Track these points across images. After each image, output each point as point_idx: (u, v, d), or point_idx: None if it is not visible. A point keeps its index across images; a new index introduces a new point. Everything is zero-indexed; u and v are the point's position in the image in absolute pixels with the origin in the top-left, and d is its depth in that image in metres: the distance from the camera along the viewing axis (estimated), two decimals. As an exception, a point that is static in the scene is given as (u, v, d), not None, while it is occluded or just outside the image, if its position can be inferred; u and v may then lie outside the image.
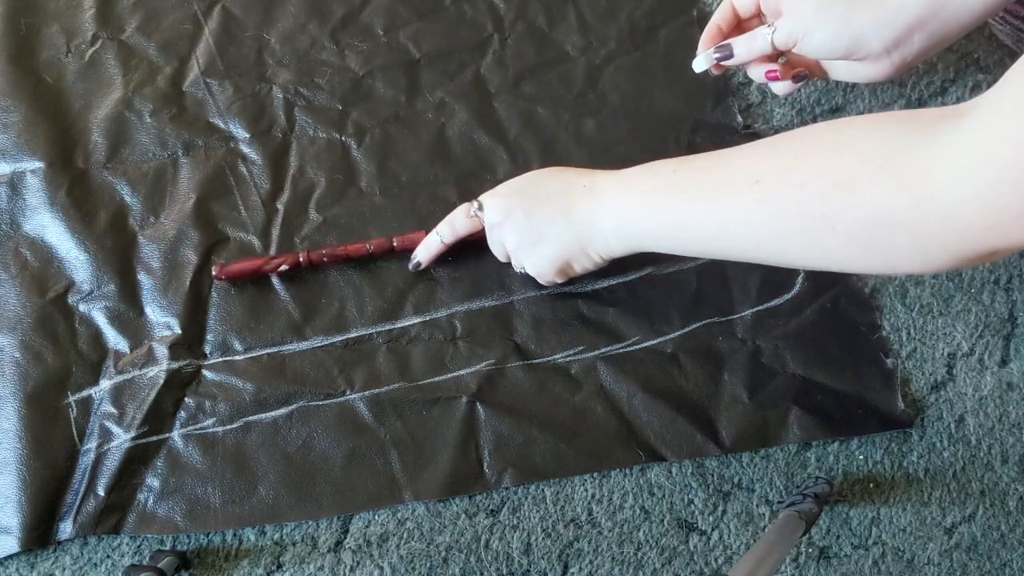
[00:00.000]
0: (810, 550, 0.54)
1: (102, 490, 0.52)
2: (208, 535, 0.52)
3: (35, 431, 0.53)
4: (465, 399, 0.55)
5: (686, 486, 0.55)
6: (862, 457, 0.56)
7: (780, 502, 0.54)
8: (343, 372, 0.56)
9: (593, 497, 0.54)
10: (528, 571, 0.53)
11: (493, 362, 0.56)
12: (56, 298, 0.57)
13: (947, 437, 0.57)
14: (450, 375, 0.56)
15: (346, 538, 0.53)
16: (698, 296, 0.58)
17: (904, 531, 0.55)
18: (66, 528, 0.51)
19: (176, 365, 0.55)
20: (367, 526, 0.53)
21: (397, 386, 0.55)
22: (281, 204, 0.60)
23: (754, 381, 0.56)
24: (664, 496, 0.55)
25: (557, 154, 0.62)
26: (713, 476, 0.55)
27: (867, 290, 0.59)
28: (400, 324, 0.57)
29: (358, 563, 0.52)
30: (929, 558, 0.55)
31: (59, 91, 0.63)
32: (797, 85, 0.56)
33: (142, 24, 0.66)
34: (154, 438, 0.53)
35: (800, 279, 0.59)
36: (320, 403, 0.55)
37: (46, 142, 0.61)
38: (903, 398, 0.57)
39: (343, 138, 0.63)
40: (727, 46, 0.54)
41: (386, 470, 0.53)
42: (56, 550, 0.52)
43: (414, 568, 0.52)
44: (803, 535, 0.50)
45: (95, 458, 0.52)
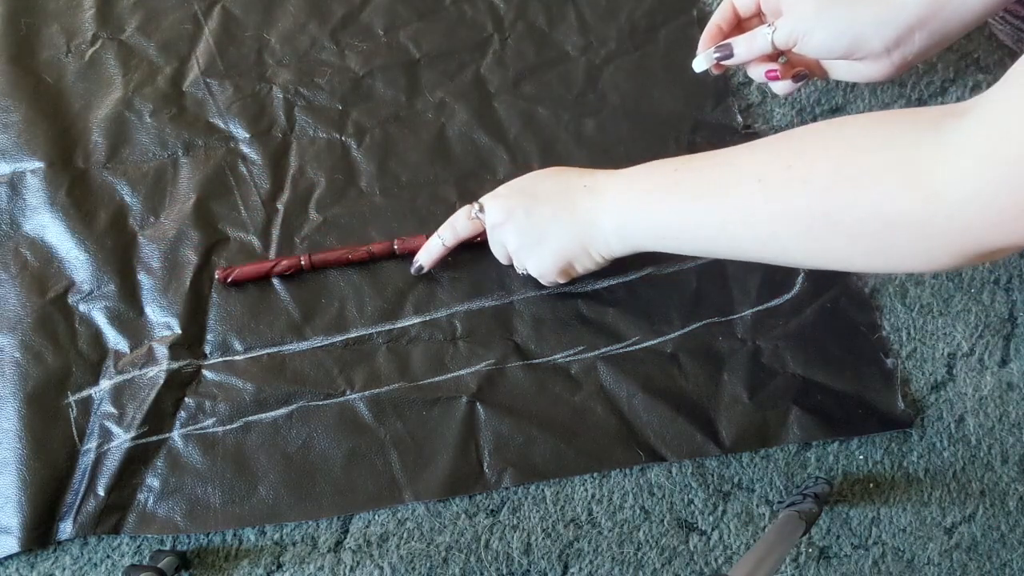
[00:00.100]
0: (810, 550, 0.54)
1: (102, 490, 0.52)
2: (208, 535, 0.52)
3: (35, 431, 0.53)
4: (465, 399, 0.55)
5: (686, 486, 0.55)
6: (862, 457, 0.56)
7: (780, 502, 0.54)
8: (343, 372, 0.56)
9: (593, 497, 0.54)
10: (528, 571, 0.53)
11: (493, 362, 0.56)
12: (56, 298, 0.57)
13: (947, 437, 0.57)
14: (450, 375, 0.56)
15: (346, 538, 0.53)
16: (698, 296, 0.58)
17: (904, 531, 0.55)
18: (66, 528, 0.51)
19: (176, 365, 0.55)
20: (367, 526, 0.53)
21: (397, 386, 0.55)
22: (281, 204, 0.60)
23: (754, 381, 0.56)
24: (664, 496, 0.55)
25: (557, 154, 0.62)
26: (713, 476, 0.55)
27: (867, 290, 0.59)
28: (400, 324, 0.57)
29: (358, 563, 0.52)
30: (929, 558, 0.55)
31: (59, 91, 0.63)
32: (797, 85, 0.56)
33: (142, 24, 0.66)
34: (154, 438, 0.53)
35: (800, 279, 0.59)
36: (320, 403, 0.55)
37: (46, 142, 0.61)
38: (903, 398, 0.57)
39: (343, 138, 0.63)
40: (727, 45, 0.54)
41: (386, 470, 0.53)
42: (56, 550, 0.52)
43: (414, 568, 0.52)
44: (803, 535, 0.50)
45: (95, 458, 0.52)
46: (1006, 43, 0.66)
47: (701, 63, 0.56)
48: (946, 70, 0.66)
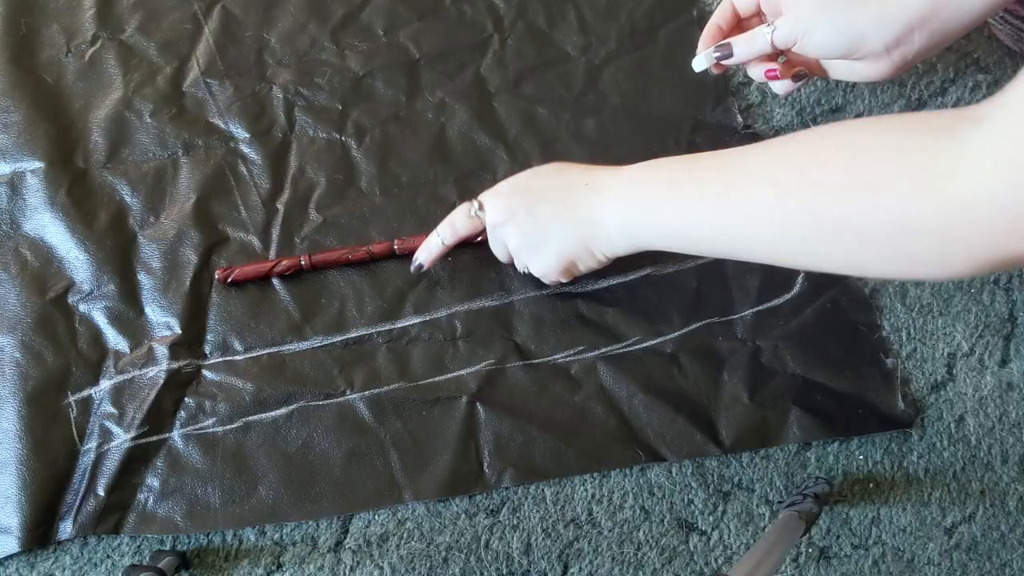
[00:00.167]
0: (810, 550, 0.54)
1: (102, 490, 0.52)
2: (208, 535, 0.52)
3: (35, 431, 0.53)
4: (465, 399, 0.55)
5: (686, 486, 0.55)
6: (862, 457, 0.56)
7: (780, 502, 0.54)
8: (343, 372, 0.56)
9: (593, 497, 0.54)
10: (528, 571, 0.53)
11: (493, 362, 0.56)
12: (56, 298, 0.57)
13: (947, 437, 0.57)
14: (450, 375, 0.56)
15: (346, 538, 0.53)
16: (698, 296, 0.58)
17: (904, 531, 0.55)
18: (66, 528, 0.51)
19: (176, 365, 0.55)
20: (367, 526, 0.53)
21: (397, 386, 0.55)
22: (281, 204, 0.60)
23: (754, 381, 0.56)
24: (664, 496, 0.55)
25: (557, 154, 0.62)
26: (713, 476, 0.55)
27: (867, 290, 0.59)
28: (400, 324, 0.57)
29: (358, 563, 0.52)
30: (929, 558, 0.55)
31: (59, 91, 0.63)
32: (797, 84, 0.56)
33: (142, 24, 0.66)
34: (154, 438, 0.53)
35: (800, 279, 0.59)
36: (320, 403, 0.55)
37: (46, 142, 0.61)
38: (903, 398, 0.57)
39: (343, 138, 0.63)
40: (727, 45, 0.54)
41: (386, 470, 0.53)
42: (56, 550, 0.52)
43: (414, 568, 0.52)
44: (803, 535, 0.50)
45: (95, 458, 0.52)
46: (1006, 43, 0.66)
47: (701, 62, 0.56)
48: (946, 70, 0.66)
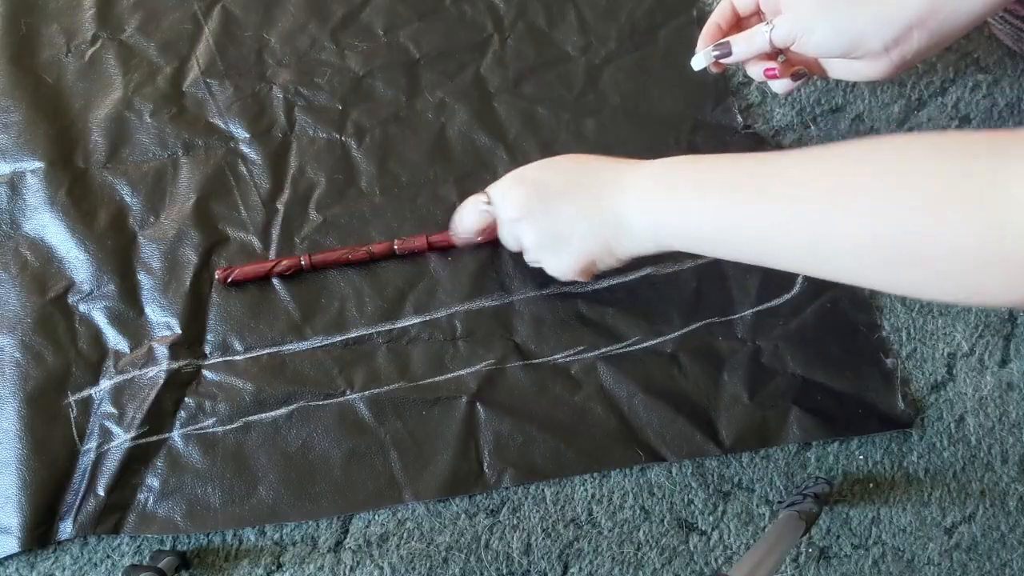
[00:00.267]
0: (810, 550, 0.54)
1: (102, 490, 0.52)
2: (208, 535, 0.52)
3: (35, 431, 0.53)
4: (465, 399, 0.55)
5: (686, 486, 0.55)
6: (862, 457, 0.56)
7: (780, 502, 0.54)
8: (343, 372, 0.56)
9: (593, 497, 0.54)
10: (528, 571, 0.53)
11: (493, 362, 0.56)
12: (56, 298, 0.57)
13: (947, 437, 0.57)
14: (450, 375, 0.56)
15: (346, 538, 0.53)
16: (698, 296, 0.58)
17: (904, 531, 0.55)
18: (66, 528, 0.51)
19: (176, 365, 0.55)
20: (367, 526, 0.53)
21: (397, 386, 0.55)
22: (281, 204, 0.60)
23: (754, 381, 0.56)
24: (664, 496, 0.55)
25: (557, 154, 0.62)
26: (713, 476, 0.55)
27: (867, 290, 0.59)
28: (400, 324, 0.57)
29: (358, 563, 0.52)
30: (929, 558, 0.55)
31: (59, 91, 0.63)
32: (796, 84, 0.56)
33: (142, 24, 0.66)
34: (154, 438, 0.53)
35: (800, 279, 0.59)
36: (320, 403, 0.55)
37: (46, 142, 0.61)
38: (903, 398, 0.57)
39: (343, 138, 0.63)
40: (725, 44, 0.54)
41: (386, 470, 0.53)
42: (56, 550, 0.52)
43: (414, 568, 0.52)
44: (803, 535, 0.50)
45: (95, 458, 0.52)
46: (1006, 43, 0.66)
47: (700, 61, 0.56)
48: (946, 70, 0.66)
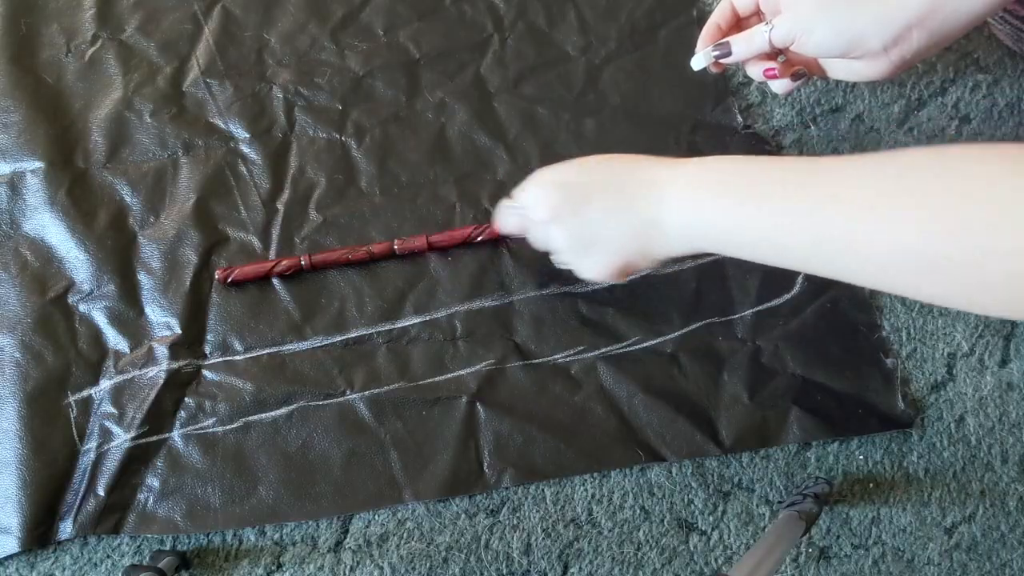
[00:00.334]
0: (810, 550, 0.54)
1: (102, 490, 0.52)
2: (208, 535, 0.52)
3: (35, 431, 0.53)
4: (465, 399, 0.55)
5: (686, 486, 0.55)
6: (862, 457, 0.56)
7: (780, 502, 0.54)
8: (343, 372, 0.56)
9: (593, 497, 0.54)
10: (528, 571, 0.53)
11: (493, 362, 0.56)
12: (56, 298, 0.57)
13: (947, 437, 0.57)
14: (450, 375, 0.56)
15: (346, 538, 0.53)
16: (698, 296, 0.58)
17: (904, 531, 0.55)
18: (66, 528, 0.51)
19: (176, 365, 0.55)
20: (367, 526, 0.53)
21: (397, 386, 0.55)
22: (281, 204, 0.60)
23: (754, 381, 0.56)
24: (664, 496, 0.55)
25: (557, 154, 0.62)
26: (713, 476, 0.55)
27: (867, 290, 0.59)
28: (400, 324, 0.57)
29: (358, 563, 0.52)
30: (929, 558, 0.55)
31: (59, 91, 0.63)
32: (796, 84, 0.56)
33: (142, 24, 0.66)
34: (154, 438, 0.53)
35: (800, 279, 0.59)
36: (320, 403, 0.55)
37: (46, 142, 0.61)
38: (903, 398, 0.57)
39: (343, 138, 0.63)
40: (725, 44, 0.54)
41: (386, 470, 0.53)
42: (56, 550, 0.52)
43: (414, 568, 0.52)
44: (803, 535, 0.50)
45: (95, 458, 0.52)
46: (1006, 43, 0.66)
47: (699, 61, 0.56)
48: (946, 70, 0.66)
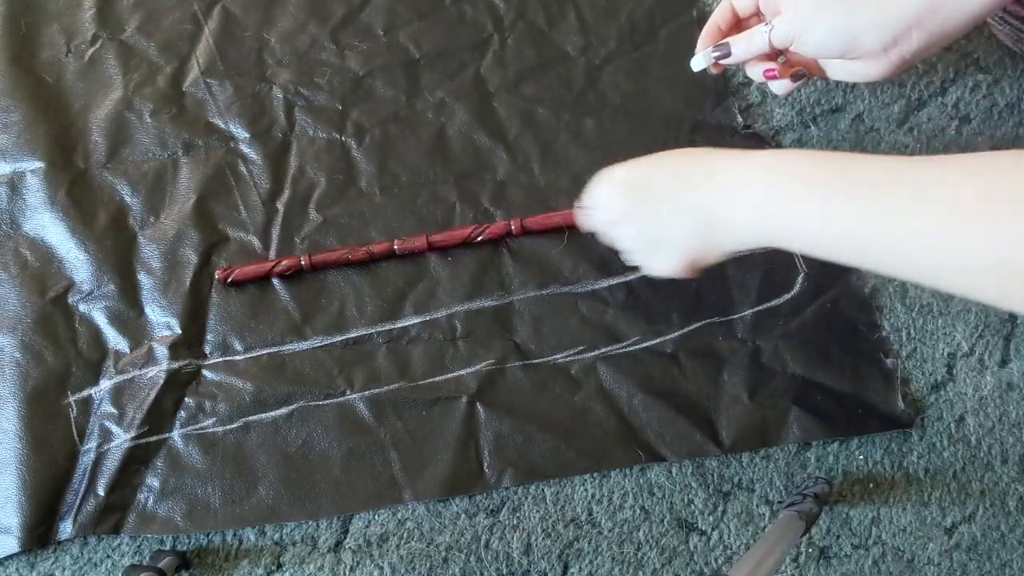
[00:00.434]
0: (810, 550, 0.54)
1: (102, 490, 0.52)
2: (208, 535, 0.52)
3: (35, 431, 0.53)
4: (465, 399, 0.55)
5: (686, 486, 0.55)
6: (862, 457, 0.56)
7: (780, 502, 0.54)
8: (343, 372, 0.56)
9: (593, 497, 0.54)
10: (528, 571, 0.53)
11: (493, 362, 0.56)
12: (56, 298, 0.57)
13: (947, 437, 0.57)
14: (450, 375, 0.56)
15: (346, 538, 0.53)
16: (698, 296, 0.58)
17: (904, 531, 0.55)
18: (66, 528, 0.51)
19: (176, 365, 0.55)
20: (367, 526, 0.53)
21: (397, 386, 0.55)
22: (281, 204, 0.60)
23: (754, 381, 0.56)
24: (664, 496, 0.55)
25: (557, 154, 0.62)
26: (713, 476, 0.55)
27: (867, 290, 0.59)
28: (400, 324, 0.57)
29: (358, 563, 0.52)
30: (929, 558, 0.55)
31: (59, 91, 0.63)
32: (796, 84, 0.56)
33: (142, 24, 0.66)
34: (154, 438, 0.53)
35: (800, 279, 0.59)
36: (320, 403, 0.55)
37: (46, 142, 0.61)
38: (903, 398, 0.57)
39: (343, 138, 0.63)
40: (725, 44, 0.54)
41: (386, 470, 0.53)
42: (56, 550, 0.52)
43: (414, 568, 0.52)
44: (803, 535, 0.50)
45: (95, 458, 0.52)
46: (1006, 43, 0.66)
47: (699, 62, 0.56)
48: (946, 70, 0.66)
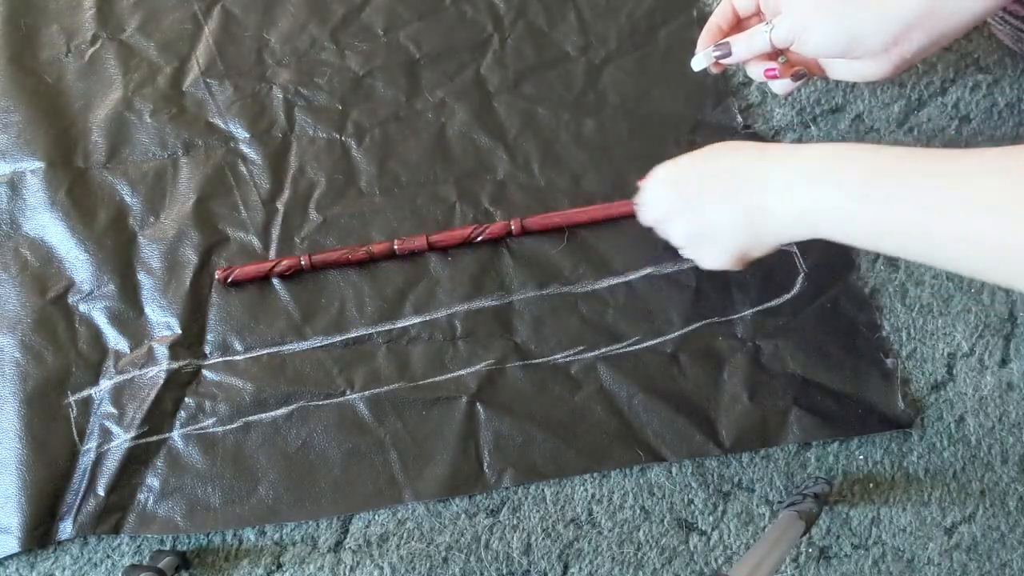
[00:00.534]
0: (810, 550, 0.54)
1: (102, 490, 0.52)
2: (208, 535, 0.52)
3: (35, 431, 0.53)
4: (465, 399, 0.55)
5: (686, 486, 0.55)
6: (862, 457, 0.56)
7: (780, 502, 0.54)
8: (343, 372, 0.56)
9: (593, 497, 0.54)
10: (528, 571, 0.53)
11: (493, 362, 0.56)
12: (56, 298, 0.57)
13: (947, 437, 0.57)
14: (450, 375, 0.56)
15: (346, 538, 0.53)
16: (698, 296, 0.58)
17: (904, 531, 0.55)
18: (66, 528, 0.51)
19: (176, 365, 0.55)
20: (367, 526, 0.53)
21: (397, 386, 0.55)
22: (281, 204, 0.60)
23: (754, 381, 0.56)
24: (664, 496, 0.55)
25: (557, 154, 0.62)
26: (713, 476, 0.55)
27: (867, 290, 0.59)
28: (400, 324, 0.57)
29: (358, 563, 0.52)
30: (929, 558, 0.55)
31: (59, 91, 0.63)
32: (796, 84, 0.56)
33: (142, 24, 0.66)
34: (154, 438, 0.53)
35: (800, 279, 0.59)
36: (320, 403, 0.55)
37: (46, 142, 0.61)
38: (903, 398, 0.57)
39: (343, 138, 0.63)
40: (725, 44, 0.54)
41: (386, 470, 0.53)
42: (56, 550, 0.52)
43: (414, 568, 0.52)
44: (803, 535, 0.50)
45: (95, 458, 0.52)
46: (1006, 43, 0.66)
47: (700, 62, 0.56)
48: (946, 70, 0.66)
